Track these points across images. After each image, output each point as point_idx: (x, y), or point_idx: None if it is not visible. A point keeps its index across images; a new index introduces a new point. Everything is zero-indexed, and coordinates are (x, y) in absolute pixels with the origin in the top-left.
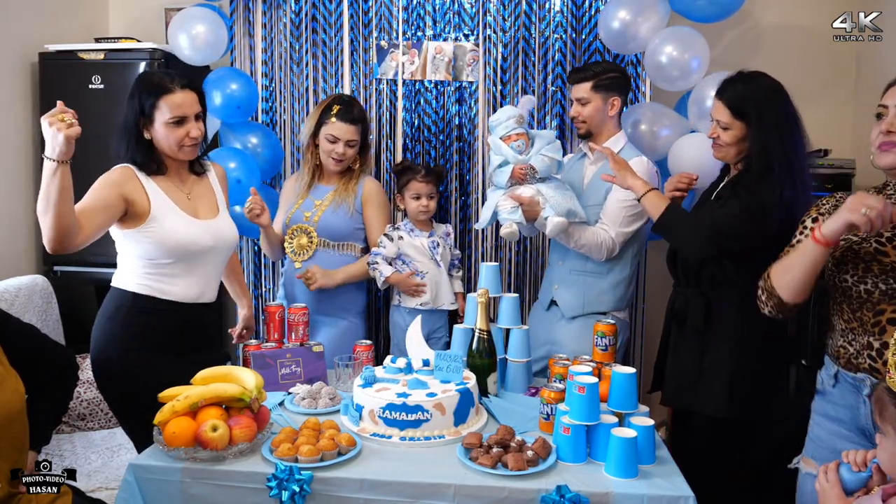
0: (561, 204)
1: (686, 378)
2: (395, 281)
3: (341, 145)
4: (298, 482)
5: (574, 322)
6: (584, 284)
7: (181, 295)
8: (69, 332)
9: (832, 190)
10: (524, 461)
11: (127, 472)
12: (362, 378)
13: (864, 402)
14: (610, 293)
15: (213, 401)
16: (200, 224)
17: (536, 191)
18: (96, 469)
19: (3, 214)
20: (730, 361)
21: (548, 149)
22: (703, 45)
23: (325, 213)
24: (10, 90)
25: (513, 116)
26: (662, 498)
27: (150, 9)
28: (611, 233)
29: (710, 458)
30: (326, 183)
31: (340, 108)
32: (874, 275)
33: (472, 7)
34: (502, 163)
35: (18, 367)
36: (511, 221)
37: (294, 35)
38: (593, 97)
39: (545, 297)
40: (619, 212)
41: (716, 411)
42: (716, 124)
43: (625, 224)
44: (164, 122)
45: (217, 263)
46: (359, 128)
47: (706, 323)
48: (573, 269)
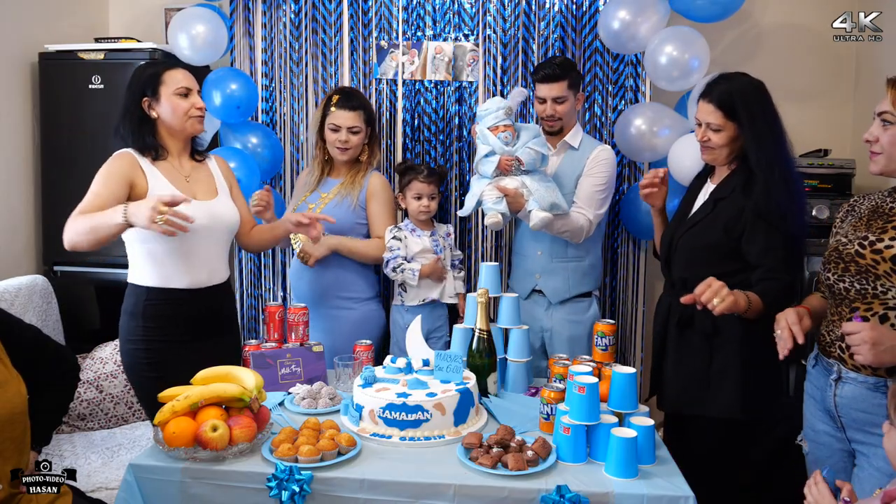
0: (545, 197)
1: (693, 382)
2: (428, 272)
3: (344, 132)
4: (298, 482)
5: (563, 307)
6: (567, 270)
7: (191, 281)
8: (69, 332)
9: (832, 190)
10: (524, 461)
11: (127, 472)
12: (362, 378)
13: (829, 386)
14: (590, 274)
15: (213, 401)
16: (196, 204)
17: (521, 182)
18: (96, 469)
19: (3, 214)
20: (739, 363)
21: (534, 142)
22: (703, 45)
23: (329, 205)
24: (10, 90)
25: (502, 108)
26: (662, 498)
27: (149, 9)
28: (588, 216)
29: (712, 461)
30: (335, 176)
31: (340, 98)
32: (851, 275)
33: (472, 7)
34: (489, 153)
35: (20, 367)
36: (496, 211)
37: (294, 35)
38: (568, 96)
39: (523, 287)
40: (593, 195)
41: (727, 413)
42: (705, 127)
43: (599, 206)
44: (172, 94)
45: (218, 244)
46: (360, 114)
47: (714, 326)
48: (555, 257)
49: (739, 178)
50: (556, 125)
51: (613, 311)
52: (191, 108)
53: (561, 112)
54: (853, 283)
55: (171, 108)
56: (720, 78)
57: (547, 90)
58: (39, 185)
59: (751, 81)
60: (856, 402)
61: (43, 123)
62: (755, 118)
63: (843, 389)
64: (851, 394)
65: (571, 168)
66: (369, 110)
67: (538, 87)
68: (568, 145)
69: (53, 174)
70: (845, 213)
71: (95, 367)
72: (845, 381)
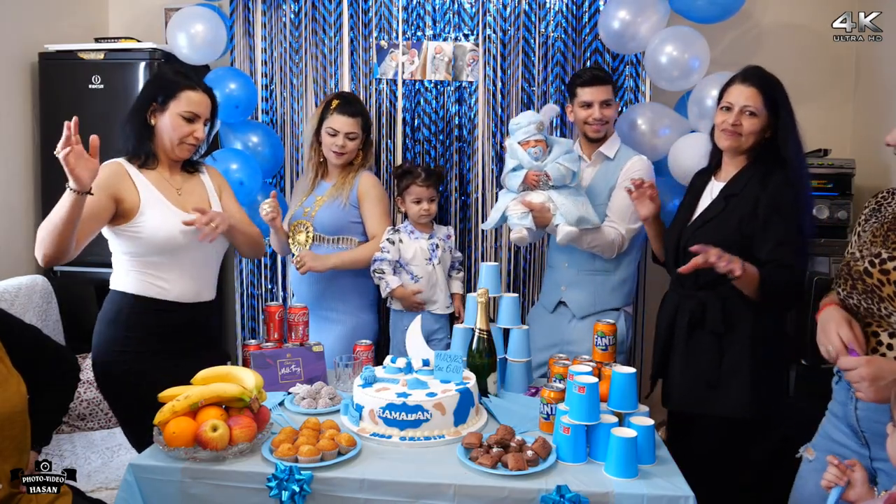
0: (572, 212)
1: (701, 381)
2: (399, 296)
3: (341, 137)
4: (298, 482)
5: (585, 321)
6: (594, 283)
7: (179, 294)
8: (69, 332)
9: (832, 190)
10: (524, 461)
11: (127, 472)
12: (362, 378)
13: (850, 400)
14: (619, 289)
15: (213, 401)
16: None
17: (547, 197)
18: (96, 469)
19: (3, 214)
20: (749, 362)
21: (565, 158)
22: (703, 45)
23: (322, 207)
24: (10, 90)
25: (534, 122)
26: (662, 498)
27: (149, 9)
28: (620, 230)
29: (714, 460)
30: (329, 179)
31: (340, 103)
32: (858, 293)
33: (472, 7)
34: (516, 166)
35: (20, 367)
36: (521, 227)
37: (294, 35)
38: (613, 100)
39: (550, 300)
40: (626, 209)
41: (736, 412)
42: (738, 111)
43: (632, 220)
44: (177, 114)
45: (210, 259)
46: (358, 121)
47: (725, 324)
48: (582, 270)
49: (752, 173)
50: (602, 130)
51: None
52: (189, 135)
53: (608, 116)
54: (861, 302)
55: (171, 125)
56: (756, 67)
57: (595, 93)
58: (39, 185)
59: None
60: (877, 414)
61: (43, 123)
62: (788, 112)
63: (863, 403)
64: (871, 406)
65: (605, 179)
66: (367, 117)
67: (583, 91)
68: (604, 156)
69: (53, 174)
70: (871, 212)
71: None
72: None
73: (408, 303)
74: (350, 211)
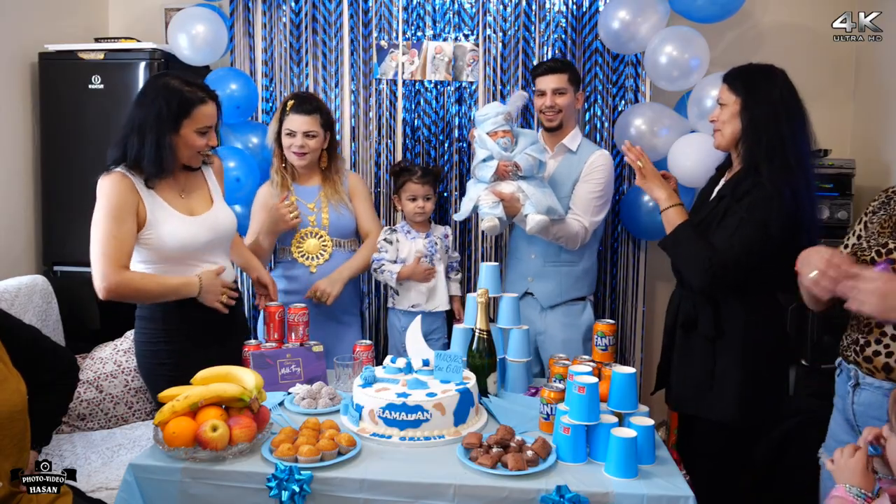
0: (541, 202)
1: (696, 384)
2: (407, 274)
3: (299, 137)
4: (298, 482)
5: (555, 311)
6: (560, 274)
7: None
8: (69, 332)
9: (832, 190)
10: (524, 461)
11: (127, 472)
12: (362, 378)
13: (848, 392)
14: (583, 279)
15: (213, 401)
16: (197, 221)
17: (517, 187)
18: (96, 469)
19: (3, 214)
20: (739, 368)
21: (532, 148)
22: (703, 45)
23: (332, 217)
24: (10, 90)
25: (501, 113)
26: (662, 498)
27: (149, 9)
28: (584, 222)
29: (716, 462)
30: (305, 183)
31: (295, 102)
32: None
33: (472, 7)
34: (487, 157)
35: (19, 368)
36: (493, 216)
37: (294, 35)
38: (568, 89)
39: (515, 289)
40: (589, 202)
41: (726, 418)
42: (716, 108)
43: (595, 213)
44: (194, 131)
45: (222, 250)
46: (316, 118)
47: (716, 329)
48: (548, 261)
49: (746, 173)
50: (556, 118)
51: (613, 311)
52: (205, 145)
53: (561, 104)
54: None
55: (188, 143)
56: (741, 66)
57: (547, 81)
58: (39, 185)
59: (767, 66)
60: (872, 408)
61: (43, 123)
62: (755, 94)
63: (860, 396)
64: (868, 400)
65: (568, 172)
66: (326, 114)
67: (538, 80)
68: (566, 148)
69: (53, 174)
70: (880, 205)
71: (95, 367)
72: (863, 388)
73: (419, 275)
74: (349, 211)
